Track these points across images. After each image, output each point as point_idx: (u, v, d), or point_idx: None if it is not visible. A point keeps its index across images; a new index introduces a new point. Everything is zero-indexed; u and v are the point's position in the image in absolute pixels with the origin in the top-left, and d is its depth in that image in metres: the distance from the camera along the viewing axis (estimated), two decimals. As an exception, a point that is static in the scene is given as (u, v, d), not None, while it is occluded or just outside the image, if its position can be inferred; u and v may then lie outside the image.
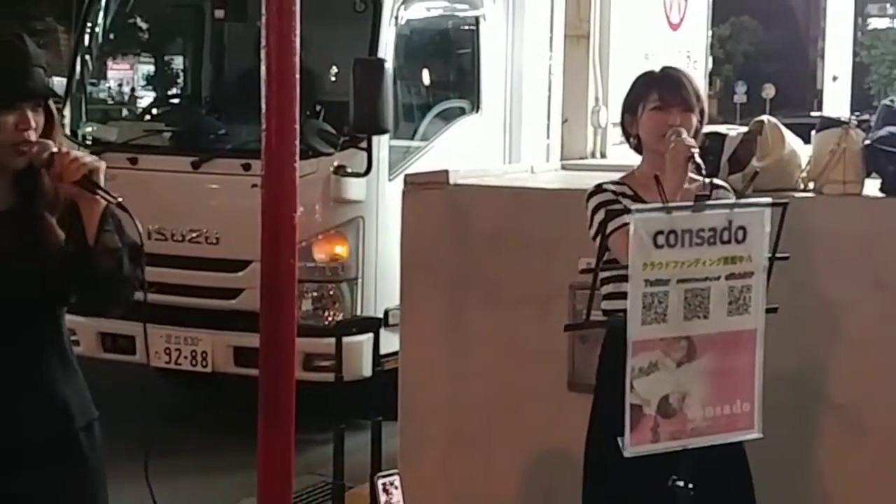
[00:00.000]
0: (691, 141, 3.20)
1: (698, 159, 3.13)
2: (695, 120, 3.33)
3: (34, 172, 2.62)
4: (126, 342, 6.38)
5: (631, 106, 3.42)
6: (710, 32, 9.33)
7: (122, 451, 2.81)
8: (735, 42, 38.61)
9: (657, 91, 3.34)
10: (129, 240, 2.63)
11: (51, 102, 2.65)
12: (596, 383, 3.42)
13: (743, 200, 2.91)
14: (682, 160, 3.16)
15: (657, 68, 3.49)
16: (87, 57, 7.31)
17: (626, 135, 3.49)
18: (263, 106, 3.17)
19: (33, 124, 2.58)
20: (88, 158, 2.58)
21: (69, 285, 2.63)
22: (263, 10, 3.11)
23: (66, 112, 6.96)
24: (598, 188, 3.37)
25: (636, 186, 3.32)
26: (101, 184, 2.56)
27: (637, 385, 2.69)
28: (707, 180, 3.25)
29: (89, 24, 7.22)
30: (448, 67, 7.44)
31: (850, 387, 4.13)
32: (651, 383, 2.71)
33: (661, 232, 2.66)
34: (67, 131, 6.80)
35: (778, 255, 2.85)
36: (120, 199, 2.57)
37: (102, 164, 2.58)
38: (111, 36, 7.60)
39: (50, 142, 2.59)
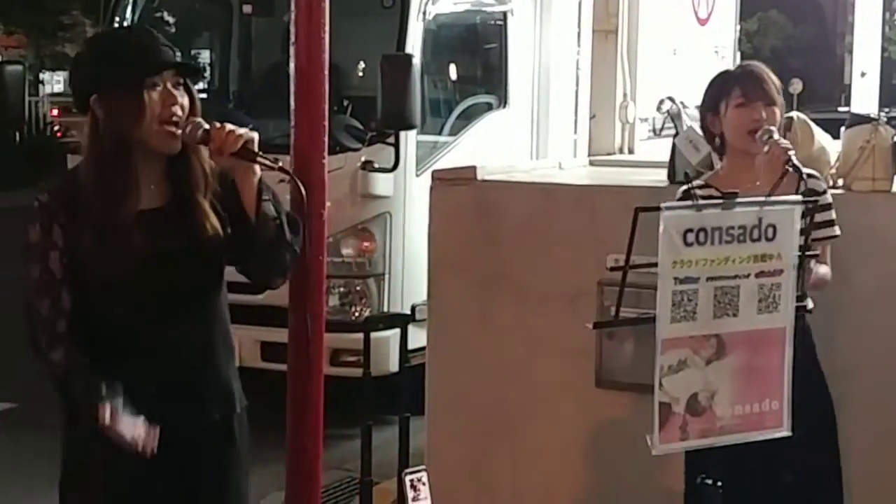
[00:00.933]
0: (786, 143, 3.17)
1: (795, 161, 3.10)
2: (779, 114, 3.30)
3: (182, 162, 2.65)
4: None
5: (712, 105, 3.38)
6: (738, 27, 9.27)
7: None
8: (762, 37, 38.34)
9: (739, 87, 3.31)
10: (285, 209, 2.70)
11: (191, 85, 2.68)
12: None
13: (773, 198, 2.90)
14: (779, 164, 3.14)
15: (733, 66, 3.47)
16: (116, 53, 7.34)
17: (710, 135, 3.44)
18: (292, 102, 3.18)
19: (178, 99, 2.61)
20: (241, 130, 2.63)
21: (239, 258, 2.68)
22: (293, 7, 3.11)
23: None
24: (685, 194, 3.32)
25: (722, 187, 3.27)
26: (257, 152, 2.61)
27: (666, 383, 2.69)
28: (798, 170, 3.22)
29: (117, 19, 7.25)
30: (475, 63, 7.43)
31: (881, 383, 4.11)
32: (680, 381, 2.70)
33: (690, 230, 2.65)
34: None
35: (808, 252, 2.84)
36: (280, 163, 2.66)
37: (255, 134, 2.65)
38: (140, 31, 7.64)
39: (200, 120, 2.63)
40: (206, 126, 2.62)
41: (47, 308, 2.61)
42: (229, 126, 2.63)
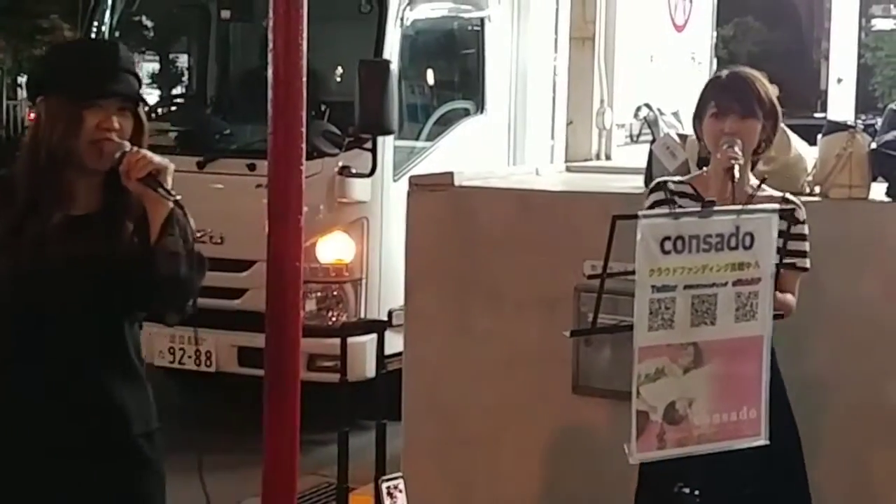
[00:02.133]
0: (736, 152, 3.17)
1: (736, 172, 3.12)
2: (758, 126, 3.29)
3: (119, 177, 2.63)
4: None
5: (698, 113, 3.41)
6: (714, 33, 9.31)
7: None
8: (739, 43, 38.53)
9: (714, 98, 3.33)
10: (194, 247, 2.65)
11: (141, 110, 2.68)
12: None
13: (750, 206, 2.91)
14: (720, 171, 3.16)
15: (723, 73, 3.47)
16: (93, 56, 7.31)
17: (699, 140, 3.47)
18: (270, 108, 3.16)
19: (116, 126, 2.61)
20: (157, 158, 2.61)
21: (133, 284, 2.63)
22: (271, 13, 3.10)
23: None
24: (658, 185, 3.35)
25: (700, 187, 3.29)
26: (168, 183, 2.59)
27: (643, 391, 2.68)
28: (780, 194, 3.24)
29: (95, 24, 7.22)
30: (453, 68, 7.44)
31: (857, 391, 4.13)
32: (657, 389, 2.70)
33: (668, 238, 2.65)
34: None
35: (783, 263, 2.85)
36: (179, 198, 2.60)
37: (171, 166, 2.61)
38: (117, 35, 7.60)
39: (125, 142, 2.62)
40: (126, 148, 2.61)
41: None
42: (144, 152, 2.61)
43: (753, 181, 3.29)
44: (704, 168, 3.44)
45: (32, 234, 2.58)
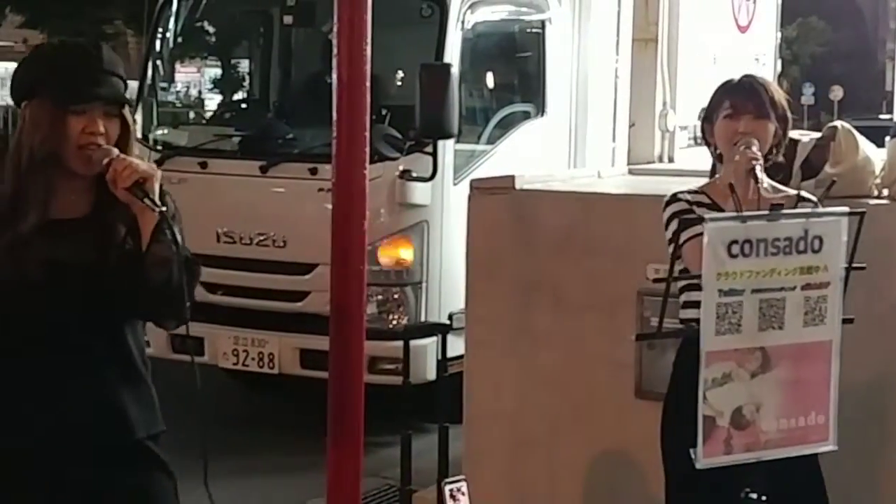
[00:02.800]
0: (755, 152, 3.15)
1: (758, 172, 3.09)
2: (771, 127, 3.28)
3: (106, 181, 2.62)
4: (194, 343, 6.46)
5: (708, 115, 3.40)
6: (778, 34, 9.22)
7: (189, 453, 2.84)
8: (802, 43, 38.11)
9: (729, 99, 3.32)
10: (186, 252, 2.61)
11: (127, 113, 2.66)
12: (669, 393, 3.38)
13: (819, 209, 2.88)
14: (741, 172, 3.13)
15: (735, 76, 3.45)
16: (159, 62, 7.40)
17: (706, 143, 3.45)
18: (334, 113, 3.18)
19: (101, 130, 2.59)
20: (143, 166, 2.58)
21: (126, 292, 2.62)
22: (335, 19, 3.12)
23: (138, 117, 7.05)
24: (673, 197, 3.34)
25: (714, 195, 3.28)
26: (154, 192, 2.56)
27: (710, 396, 2.66)
28: (794, 192, 3.21)
29: (160, 30, 7.31)
30: (513, 71, 7.42)
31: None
32: (724, 394, 2.68)
33: (735, 241, 2.63)
34: (139, 135, 6.90)
35: (854, 264, 2.81)
36: (163, 209, 2.55)
37: (158, 173, 2.58)
38: (181, 41, 7.70)
39: (113, 149, 2.60)
40: (113, 155, 2.58)
41: None
42: (130, 160, 2.58)
43: (767, 182, 3.25)
44: (716, 176, 3.40)
45: (15, 236, 2.55)
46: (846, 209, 2.81)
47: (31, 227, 2.57)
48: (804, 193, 3.32)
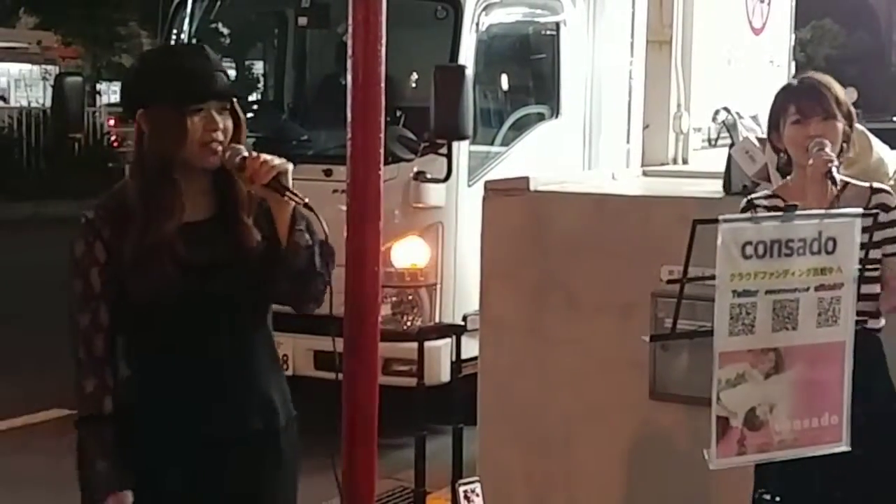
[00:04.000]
0: (829, 154, 3.16)
1: (835, 174, 3.10)
2: (840, 126, 3.28)
3: (228, 177, 2.70)
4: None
5: (774, 122, 3.39)
6: (792, 36, 9.20)
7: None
8: (816, 45, 38.00)
9: (794, 104, 3.31)
10: (318, 237, 2.72)
11: (237, 107, 2.73)
12: None
13: (833, 210, 2.88)
14: (818, 175, 3.13)
15: (795, 80, 3.45)
16: (173, 64, 7.41)
17: (776, 150, 3.45)
18: (349, 115, 3.20)
19: (220, 125, 2.67)
20: (277, 161, 2.67)
21: (269, 283, 2.71)
22: (350, 21, 3.13)
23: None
24: (749, 203, 3.31)
25: (788, 197, 3.26)
26: (289, 185, 2.65)
27: (723, 397, 2.67)
28: (866, 184, 3.22)
29: (175, 31, 7.33)
30: (528, 73, 7.43)
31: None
32: (738, 395, 2.69)
33: (749, 242, 2.64)
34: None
35: (868, 266, 2.81)
36: (307, 200, 2.66)
37: (290, 166, 2.68)
38: (196, 42, 7.71)
39: (241, 147, 2.68)
40: (245, 154, 2.67)
41: (87, 322, 2.68)
42: (264, 156, 2.66)
43: (840, 179, 3.26)
44: (788, 177, 3.40)
45: (155, 244, 2.63)
46: (860, 210, 2.81)
47: (168, 232, 2.64)
48: (877, 185, 3.32)
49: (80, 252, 2.69)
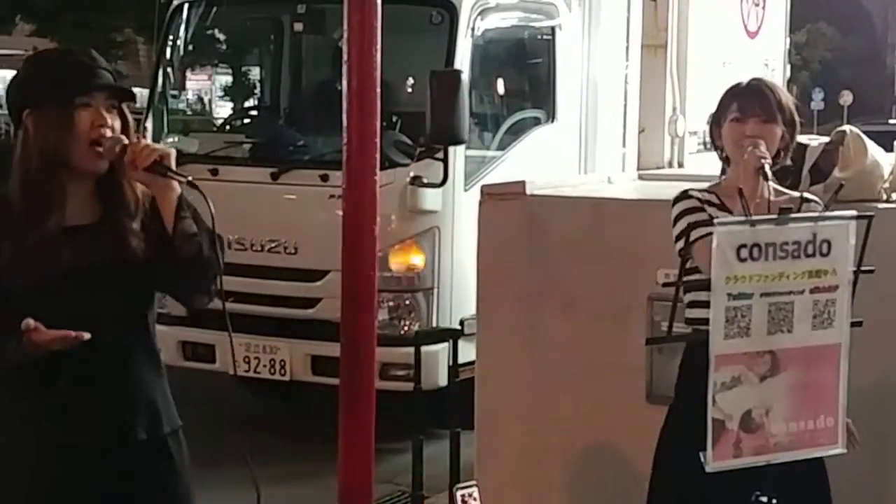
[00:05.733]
0: (763, 151, 3.18)
1: (767, 170, 3.11)
2: (778, 131, 3.30)
3: (115, 181, 2.68)
4: (206, 350, 6.49)
5: (716, 118, 3.42)
6: (787, 39, 9.23)
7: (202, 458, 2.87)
8: (812, 48, 38.10)
9: (737, 102, 3.34)
10: (206, 226, 2.67)
11: (125, 107, 2.70)
12: (676, 395, 3.39)
13: (828, 213, 2.89)
14: (751, 171, 3.15)
15: (744, 80, 3.47)
16: (169, 70, 7.43)
17: (714, 147, 3.48)
18: (345, 120, 3.21)
19: (108, 121, 2.64)
20: (158, 146, 2.65)
21: (154, 281, 2.69)
22: (345, 26, 3.15)
23: (149, 124, 7.09)
24: (684, 194, 3.35)
25: (723, 196, 3.30)
26: (173, 166, 2.61)
27: (720, 399, 2.67)
28: (797, 194, 3.23)
29: (171, 38, 7.34)
30: (523, 77, 7.44)
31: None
32: (734, 398, 2.69)
33: (744, 245, 2.64)
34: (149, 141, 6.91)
35: (863, 268, 2.82)
36: (190, 178, 2.61)
37: (173, 151, 2.64)
38: (192, 49, 7.73)
39: (122, 136, 2.64)
40: (126, 141, 2.64)
41: None
42: (145, 141, 2.66)
43: (771, 185, 3.26)
44: (722, 177, 3.42)
45: (34, 244, 2.59)
46: (854, 213, 2.82)
47: (50, 234, 2.60)
48: (808, 195, 3.34)
49: None
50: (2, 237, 2.62)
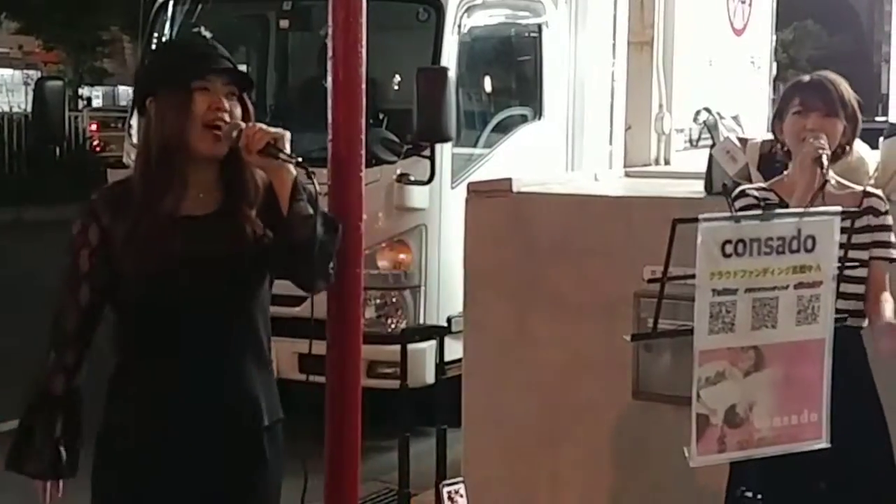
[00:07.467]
0: (822, 143, 3.19)
1: (825, 160, 3.12)
2: (840, 125, 3.31)
3: (238, 169, 2.70)
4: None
5: (778, 112, 3.44)
6: (774, 37, 9.24)
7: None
8: (798, 46, 38.17)
9: (799, 96, 3.35)
10: (322, 209, 2.71)
11: (247, 97, 2.74)
12: None
13: (812, 209, 2.89)
14: (808, 161, 3.16)
15: (808, 76, 3.49)
16: (154, 67, 7.40)
17: (776, 140, 3.48)
18: (330, 117, 3.20)
19: (226, 106, 2.66)
20: (272, 129, 2.68)
21: (271, 267, 2.73)
22: (330, 22, 3.13)
23: (134, 122, 7.07)
24: (742, 193, 3.35)
25: (782, 192, 3.29)
26: (287, 149, 2.67)
27: (703, 394, 2.68)
28: (860, 188, 3.24)
29: (156, 35, 7.32)
30: (510, 75, 7.45)
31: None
32: (718, 393, 2.69)
33: (729, 241, 2.65)
34: (133, 140, 6.90)
35: (847, 264, 2.82)
36: (300, 159, 2.68)
37: (287, 134, 2.69)
38: (179, 46, 7.70)
39: (240, 122, 2.68)
40: (243, 126, 2.67)
41: (66, 299, 2.71)
42: (259, 125, 2.68)
43: (834, 178, 3.29)
44: (785, 173, 3.42)
45: (146, 231, 2.63)
46: (839, 208, 2.83)
47: (163, 221, 2.63)
48: (870, 189, 3.35)
49: (75, 231, 2.71)
50: (119, 223, 2.66)
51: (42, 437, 2.70)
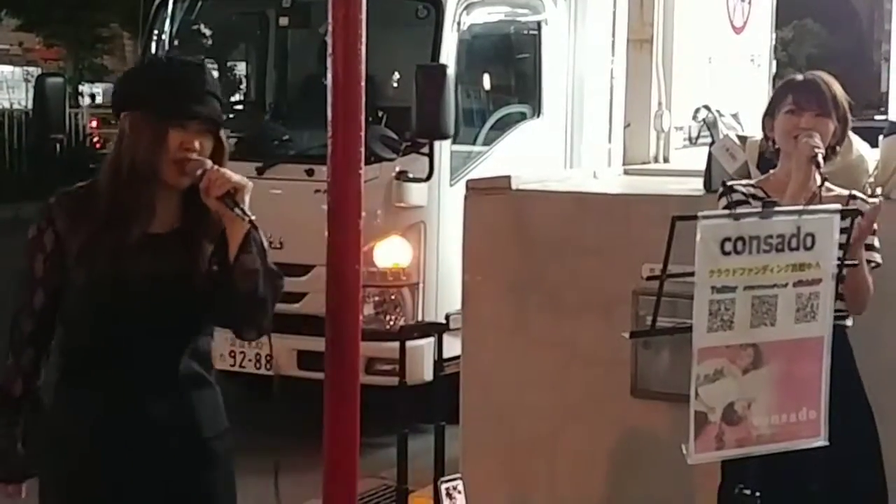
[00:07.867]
0: (817, 142, 3.19)
1: (821, 159, 3.12)
2: (832, 125, 3.32)
3: (197, 195, 2.69)
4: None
5: (769, 110, 3.44)
6: (773, 36, 9.23)
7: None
8: (798, 45, 38.16)
9: (792, 95, 3.35)
10: (271, 266, 2.71)
11: (222, 134, 2.74)
12: None
13: (811, 207, 2.89)
14: (804, 160, 3.16)
15: (800, 75, 3.49)
16: (154, 64, 7.40)
17: (766, 138, 3.48)
18: (329, 114, 3.19)
19: (197, 147, 2.67)
20: (236, 177, 2.66)
21: (210, 306, 2.71)
22: (330, 19, 3.13)
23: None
24: (729, 189, 3.36)
25: (770, 189, 3.30)
26: (245, 203, 2.64)
27: (702, 392, 2.68)
28: (846, 192, 3.24)
29: (156, 32, 7.32)
30: (509, 72, 7.45)
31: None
32: (716, 390, 2.70)
33: (728, 238, 2.65)
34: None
35: (846, 262, 2.83)
36: (253, 218, 2.64)
37: (249, 185, 2.67)
38: (177, 43, 7.70)
39: (207, 160, 2.67)
40: (207, 166, 2.66)
41: (21, 303, 2.74)
42: (223, 170, 2.67)
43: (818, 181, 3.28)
44: (771, 171, 3.42)
45: (110, 247, 2.63)
46: (839, 207, 2.83)
47: (128, 240, 2.64)
48: (856, 192, 3.35)
49: (31, 235, 2.73)
50: (76, 231, 2.66)
51: (4, 440, 2.72)
